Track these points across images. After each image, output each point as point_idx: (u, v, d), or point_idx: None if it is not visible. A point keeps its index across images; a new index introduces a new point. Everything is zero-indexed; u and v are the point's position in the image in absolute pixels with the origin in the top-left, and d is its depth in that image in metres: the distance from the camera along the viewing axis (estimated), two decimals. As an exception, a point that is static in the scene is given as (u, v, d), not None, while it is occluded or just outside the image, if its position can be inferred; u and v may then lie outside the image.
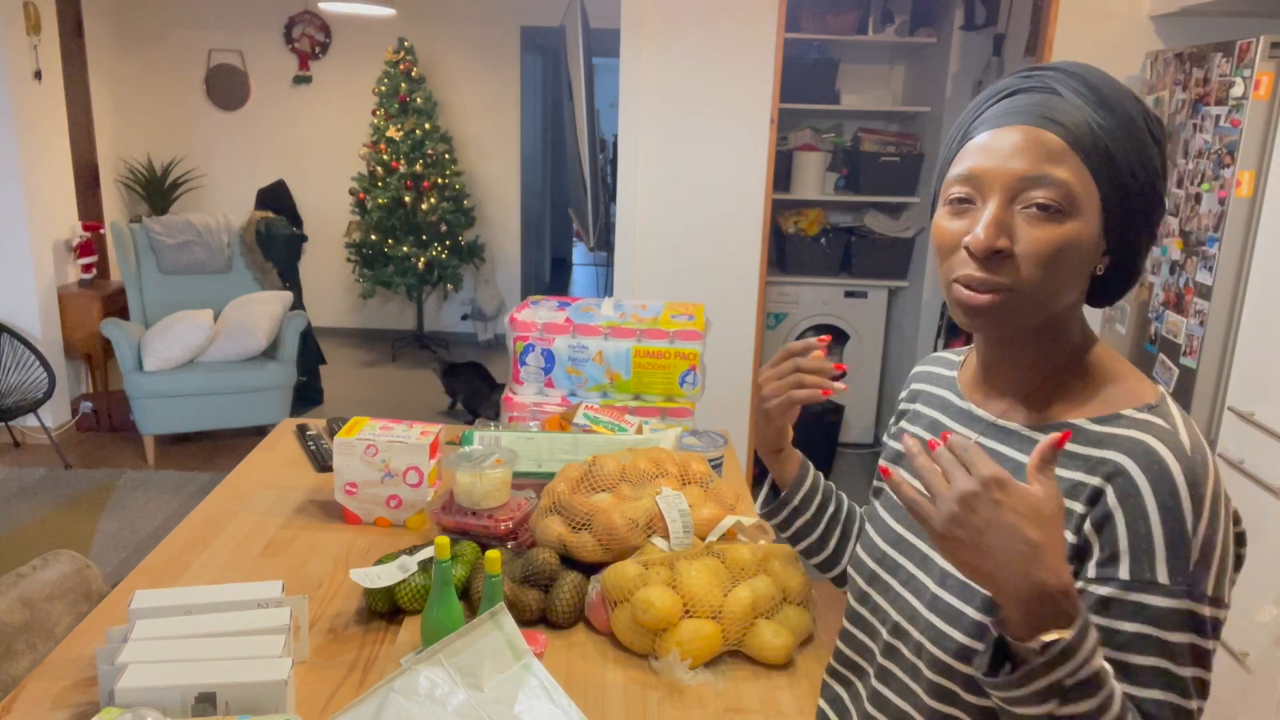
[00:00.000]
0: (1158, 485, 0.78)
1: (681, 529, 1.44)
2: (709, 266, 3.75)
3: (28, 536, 3.60)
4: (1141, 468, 0.80)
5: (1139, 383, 0.88)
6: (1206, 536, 0.77)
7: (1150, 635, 0.77)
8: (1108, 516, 0.80)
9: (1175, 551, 0.77)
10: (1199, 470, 0.79)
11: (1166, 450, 0.80)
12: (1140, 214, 0.84)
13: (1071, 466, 0.85)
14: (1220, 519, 0.79)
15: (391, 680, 1.10)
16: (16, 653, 1.41)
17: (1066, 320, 0.89)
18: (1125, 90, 0.84)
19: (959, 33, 4.26)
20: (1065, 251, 0.82)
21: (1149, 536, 0.78)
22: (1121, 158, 0.82)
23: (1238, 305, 2.43)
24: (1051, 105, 0.83)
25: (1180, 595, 0.77)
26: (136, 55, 6.40)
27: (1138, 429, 0.83)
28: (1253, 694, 2.24)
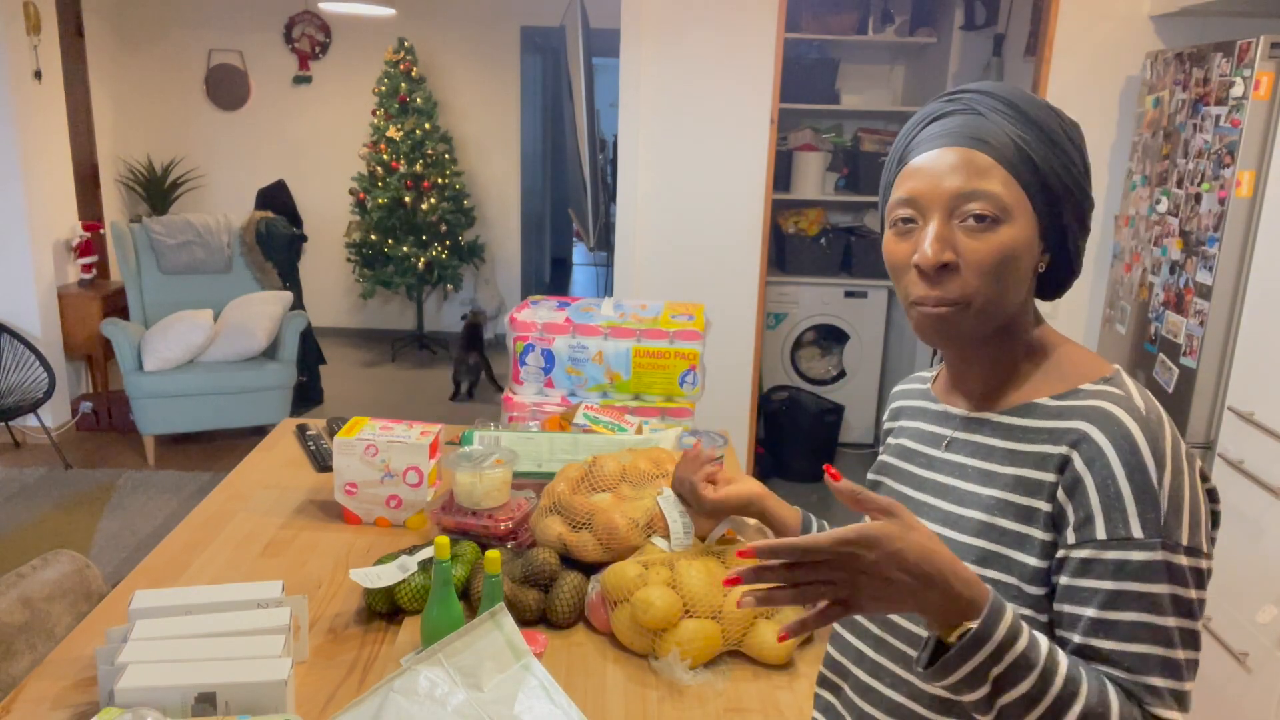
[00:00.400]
0: (1119, 445, 0.83)
1: (682, 529, 1.44)
2: (709, 266, 3.75)
3: (28, 536, 3.60)
4: (1101, 429, 0.85)
5: (1090, 358, 0.94)
6: (1173, 487, 0.82)
7: (1130, 590, 0.80)
8: (1077, 480, 0.84)
9: (1144, 504, 0.81)
10: (1155, 427, 0.84)
11: (1123, 412, 0.85)
12: (1070, 212, 0.91)
13: (1038, 440, 0.90)
14: (1184, 471, 0.83)
15: (391, 680, 1.10)
16: (16, 653, 1.41)
17: (1020, 318, 0.95)
18: (1041, 103, 0.92)
19: (959, 33, 4.26)
20: (1006, 257, 0.88)
21: (1119, 494, 0.82)
22: (1045, 165, 0.89)
23: (1238, 305, 2.43)
24: (977, 125, 0.90)
25: (1154, 547, 0.80)
26: (136, 55, 6.40)
27: (1095, 399, 0.88)
28: (1253, 694, 2.24)
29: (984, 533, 0.90)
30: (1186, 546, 0.81)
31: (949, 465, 0.99)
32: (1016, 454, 0.91)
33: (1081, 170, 0.92)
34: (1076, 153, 0.92)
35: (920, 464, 1.03)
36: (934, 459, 1.01)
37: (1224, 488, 2.40)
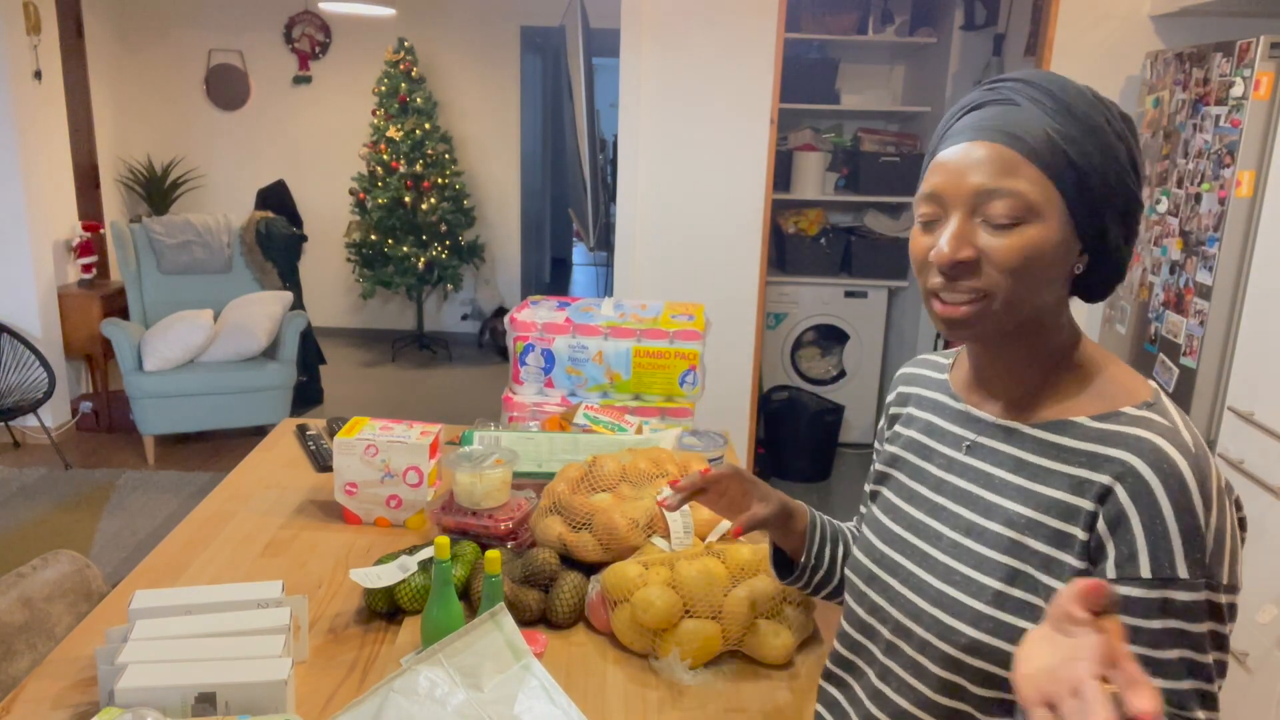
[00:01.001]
0: (1169, 484, 0.81)
1: (682, 529, 1.44)
2: (709, 266, 3.75)
3: (28, 536, 3.60)
4: (1150, 465, 0.82)
5: (1131, 379, 0.91)
6: (1218, 527, 0.81)
7: (1175, 628, 0.80)
8: (1121, 515, 0.82)
9: (1192, 546, 0.80)
10: (1204, 466, 0.82)
11: (1173, 449, 0.82)
12: (1112, 211, 0.87)
13: (1074, 463, 0.87)
14: (1227, 510, 0.82)
15: (391, 680, 1.10)
16: (16, 653, 1.41)
17: (1051, 320, 0.91)
18: (1087, 94, 0.87)
19: (959, 33, 4.26)
20: (1030, 257, 0.85)
21: (1166, 534, 0.80)
22: (1083, 160, 0.85)
23: (1238, 305, 2.43)
24: (1009, 117, 0.86)
25: (1200, 588, 0.79)
26: (136, 55, 6.40)
27: (1141, 427, 0.85)
28: (1253, 694, 2.24)
29: (1013, 551, 0.88)
30: (1227, 585, 0.81)
31: (971, 471, 0.96)
32: (1051, 473, 0.88)
33: (1128, 168, 0.87)
34: (1124, 148, 0.87)
35: (939, 464, 1.00)
36: (954, 461, 0.98)
37: (1224, 488, 2.41)
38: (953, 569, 0.93)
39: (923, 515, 0.99)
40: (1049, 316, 0.91)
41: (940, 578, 0.94)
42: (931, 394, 1.06)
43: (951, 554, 0.94)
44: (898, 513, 1.03)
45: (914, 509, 1.01)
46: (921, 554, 0.97)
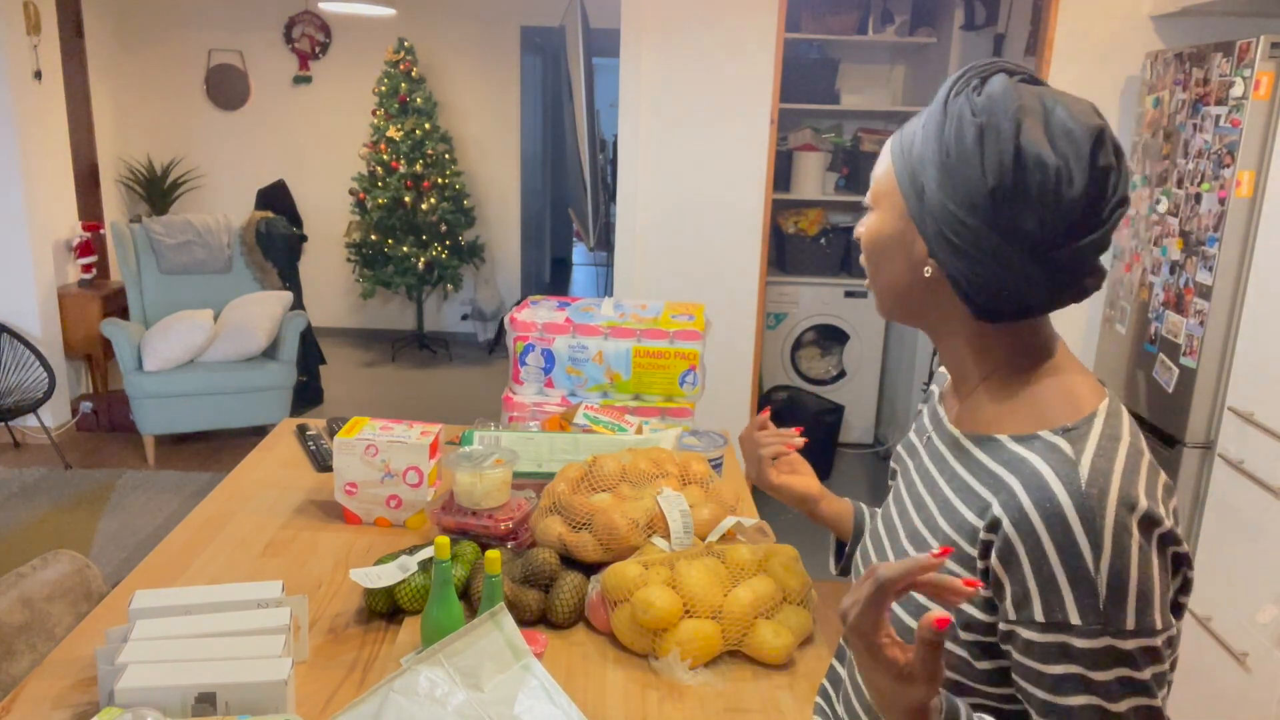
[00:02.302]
0: (1049, 522, 0.76)
1: (682, 529, 1.44)
2: (709, 266, 3.75)
3: (28, 536, 3.60)
4: (1034, 502, 0.77)
5: (1072, 396, 0.85)
6: (1113, 570, 0.74)
7: (1076, 674, 0.76)
8: (1010, 550, 0.78)
9: (1080, 590, 0.75)
10: (1093, 503, 0.76)
11: (1060, 486, 0.77)
12: (933, 226, 0.83)
13: (984, 482, 0.84)
14: (1129, 549, 0.75)
15: (391, 680, 1.10)
16: (16, 653, 1.41)
17: (943, 318, 0.89)
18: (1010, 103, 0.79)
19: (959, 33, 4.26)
20: (870, 240, 0.90)
21: (1053, 577, 0.76)
22: (918, 159, 0.84)
23: (1238, 305, 2.43)
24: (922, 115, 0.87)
25: (1096, 634, 0.75)
26: (136, 55, 6.40)
27: (1040, 456, 0.80)
28: (1253, 694, 2.24)
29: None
30: (1132, 630, 0.74)
31: (926, 475, 0.95)
32: (969, 491, 0.86)
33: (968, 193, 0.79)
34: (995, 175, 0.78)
35: (915, 463, 0.99)
36: (920, 462, 0.98)
37: (1224, 488, 2.40)
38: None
39: (895, 516, 0.99)
40: (937, 313, 0.89)
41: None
42: (935, 388, 1.06)
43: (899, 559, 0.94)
44: (886, 509, 1.04)
45: (893, 506, 1.01)
46: (886, 555, 0.97)
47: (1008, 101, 0.79)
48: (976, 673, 0.84)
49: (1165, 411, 2.64)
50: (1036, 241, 0.79)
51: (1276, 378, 2.23)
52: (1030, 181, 0.78)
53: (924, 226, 0.84)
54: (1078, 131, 0.78)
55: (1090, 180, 0.78)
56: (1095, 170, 0.78)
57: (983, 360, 0.89)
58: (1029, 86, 0.81)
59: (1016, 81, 0.82)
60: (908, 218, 0.85)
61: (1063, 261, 0.80)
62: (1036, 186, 0.78)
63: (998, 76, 0.82)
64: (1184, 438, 2.52)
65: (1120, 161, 0.80)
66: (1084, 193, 0.78)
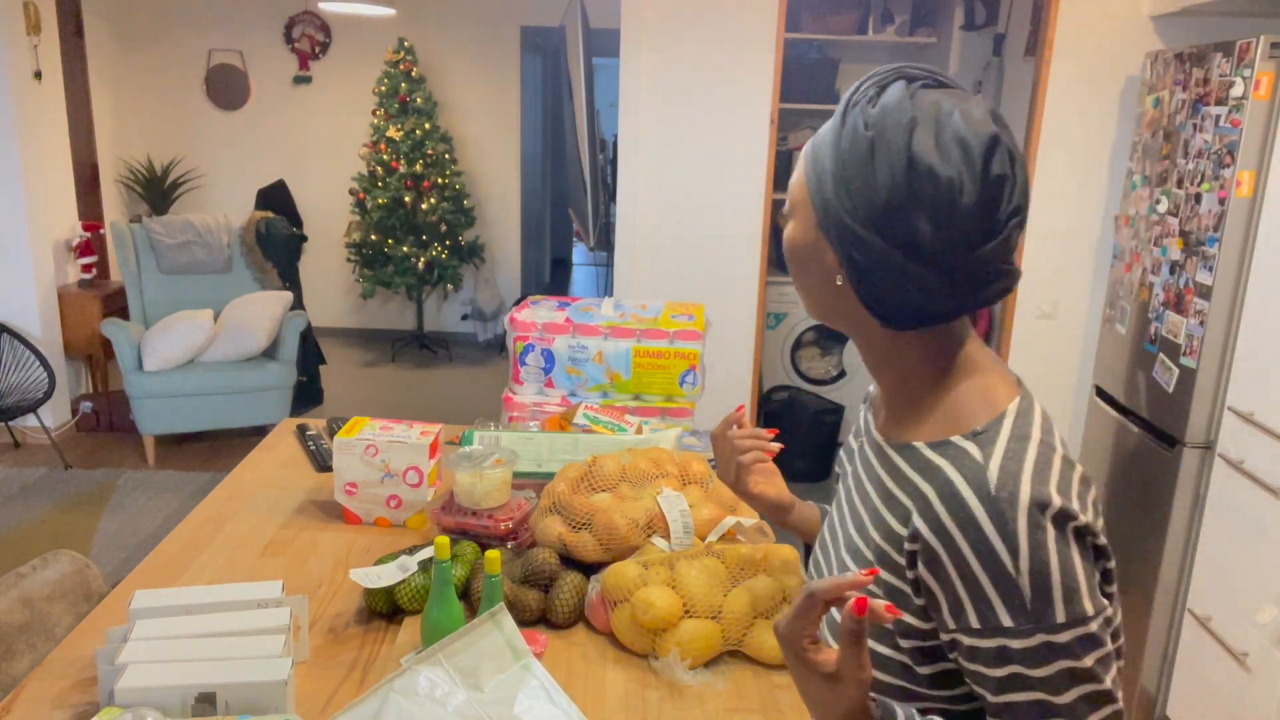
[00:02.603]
0: (965, 529, 0.77)
1: (682, 529, 1.44)
2: (709, 266, 3.75)
3: (28, 536, 3.60)
4: (949, 511, 0.78)
5: (983, 397, 0.85)
6: (1033, 569, 0.75)
7: (1019, 674, 0.77)
8: (934, 558, 0.79)
9: (1007, 594, 0.76)
10: (1003, 505, 0.76)
11: (969, 490, 0.78)
12: (834, 235, 0.83)
13: (905, 490, 0.85)
14: (1046, 545, 0.76)
15: (391, 680, 1.10)
16: (16, 653, 1.41)
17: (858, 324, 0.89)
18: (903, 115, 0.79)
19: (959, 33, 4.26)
20: (788, 247, 0.89)
21: (979, 583, 0.77)
22: (820, 168, 0.83)
23: (1238, 305, 2.43)
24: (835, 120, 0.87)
25: (1029, 633, 0.76)
26: (136, 55, 6.40)
27: (951, 461, 0.81)
28: (1253, 694, 2.24)
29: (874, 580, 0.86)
30: (1064, 623, 0.75)
31: (860, 484, 0.95)
32: (892, 499, 0.86)
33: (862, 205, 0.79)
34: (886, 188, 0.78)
35: (851, 469, 0.99)
36: (854, 469, 0.98)
37: (1224, 487, 2.40)
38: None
39: (836, 522, 0.99)
40: (852, 321, 0.88)
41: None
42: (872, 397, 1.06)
43: (835, 569, 0.94)
44: (828, 516, 1.03)
45: (834, 514, 1.01)
46: (829, 563, 0.97)
47: (900, 113, 0.78)
48: (921, 678, 0.85)
49: (1165, 411, 2.64)
50: (932, 252, 0.79)
51: (1276, 378, 2.23)
52: (923, 192, 0.77)
53: (830, 237, 0.84)
54: (971, 140, 0.77)
55: (983, 190, 0.77)
56: (988, 180, 0.77)
57: (897, 367, 0.89)
58: (928, 93, 0.80)
59: (916, 88, 0.80)
60: (818, 228, 0.85)
61: (962, 270, 0.80)
62: (929, 198, 0.77)
63: (895, 85, 0.81)
64: (1184, 438, 2.53)
65: (1015, 169, 0.79)
66: (977, 202, 0.77)
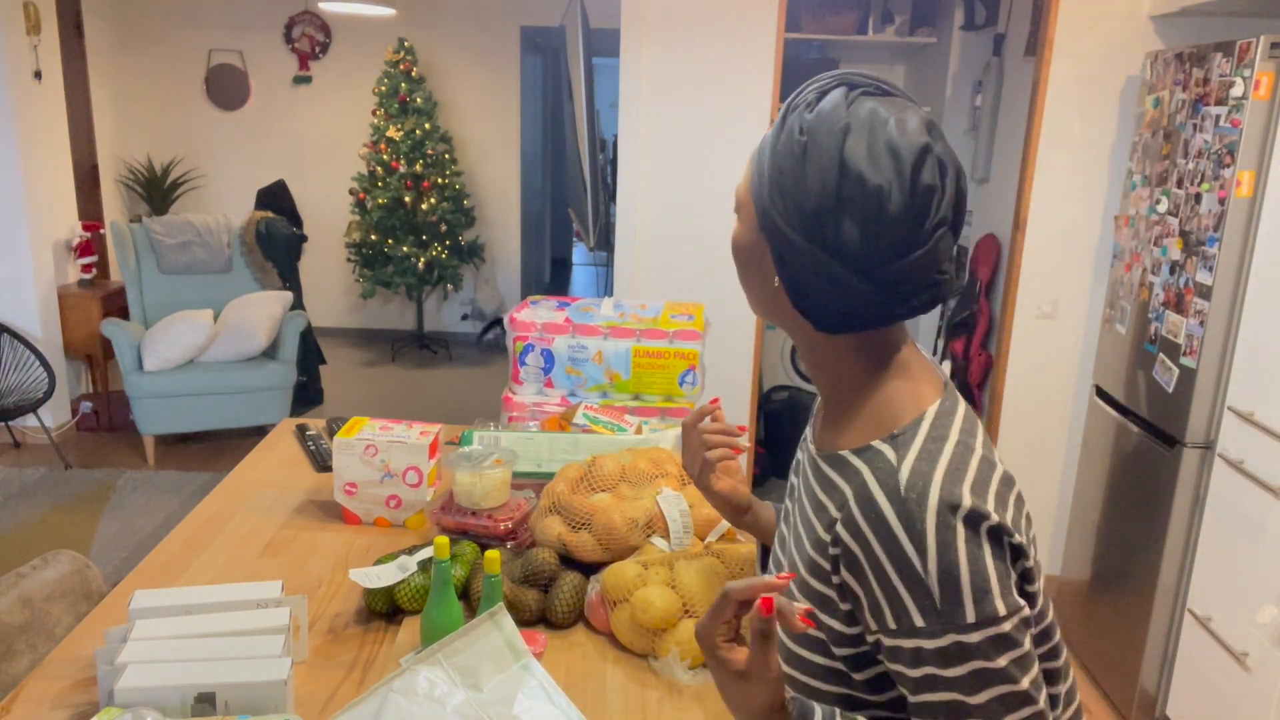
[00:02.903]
0: (877, 531, 0.78)
1: (682, 529, 1.44)
2: (709, 266, 3.75)
3: (28, 536, 3.60)
4: (862, 512, 0.79)
5: (904, 400, 0.86)
6: (941, 569, 0.76)
7: (933, 674, 0.77)
8: (854, 561, 0.80)
9: (917, 593, 0.77)
10: (912, 507, 0.77)
11: (880, 492, 0.79)
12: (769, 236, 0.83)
13: (830, 498, 0.85)
14: (954, 546, 0.76)
15: (391, 680, 1.10)
16: (16, 653, 1.41)
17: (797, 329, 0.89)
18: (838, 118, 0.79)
19: (959, 33, 4.26)
20: (733, 247, 0.91)
21: (892, 584, 0.78)
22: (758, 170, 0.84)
23: (1238, 305, 2.43)
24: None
25: (939, 634, 0.76)
26: (136, 55, 6.40)
27: (868, 464, 0.82)
28: (1253, 694, 2.24)
29: (803, 588, 0.87)
30: (974, 623, 0.76)
31: (796, 493, 0.95)
32: (820, 507, 0.86)
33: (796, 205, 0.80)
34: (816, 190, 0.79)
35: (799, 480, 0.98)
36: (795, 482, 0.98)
37: (1224, 487, 2.40)
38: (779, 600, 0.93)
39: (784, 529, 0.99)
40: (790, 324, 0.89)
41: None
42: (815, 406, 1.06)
43: None
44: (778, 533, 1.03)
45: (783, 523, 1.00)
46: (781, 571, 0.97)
47: (835, 120, 0.79)
48: (857, 684, 0.85)
49: (1165, 411, 2.64)
50: (860, 259, 0.79)
51: (1276, 378, 2.23)
52: (852, 199, 0.78)
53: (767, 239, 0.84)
54: (902, 149, 0.77)
55: (911, 199, 0.78)
56: (917, 189, 0.78)
57: (830, 371, 0.90)
58: (866, 100, 0.80)
59: (856, 95, 0.81)
60: (758, 229, 0.85)
61: (891, 278, 0.80)
62: (858, 205, 0.78)
63: (835, 91, 0.81)
64: (1184, 438, 2.52)
65: (945, 181, 0.79)
66: (905, 212, 0.78)
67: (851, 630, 0.83)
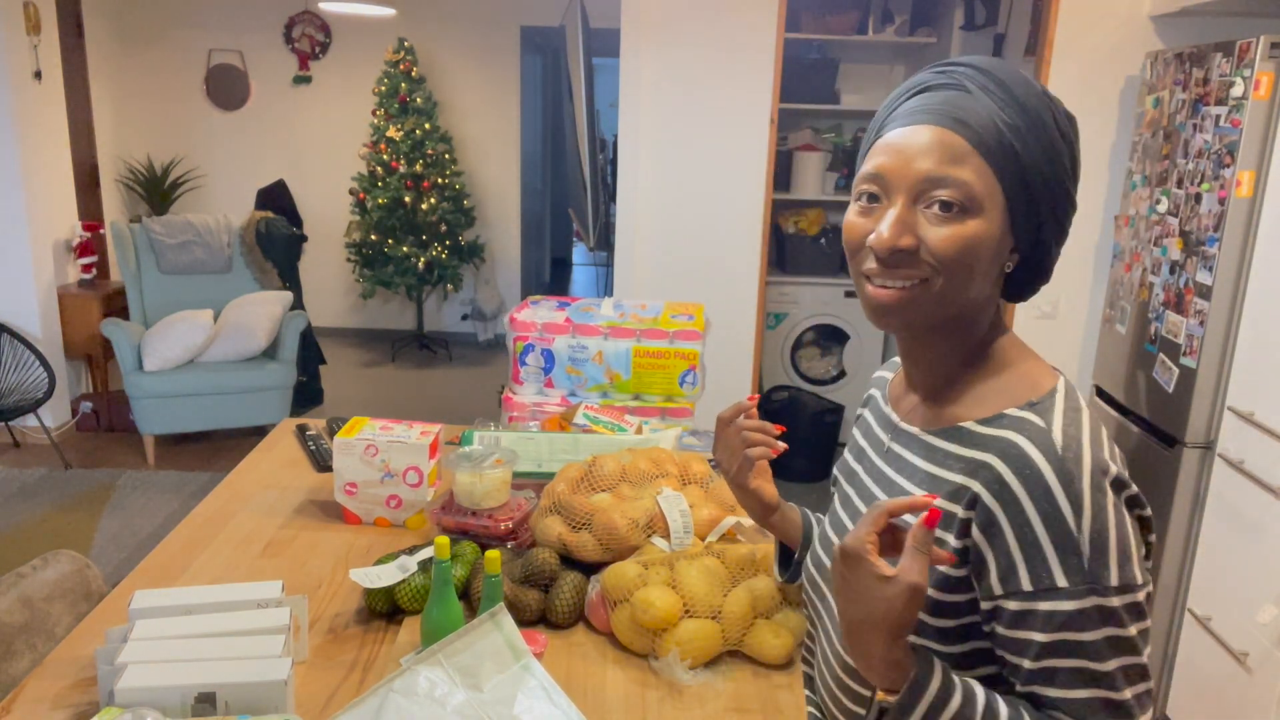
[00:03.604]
0: (1032, 489, 0.78)
1: (682, 529, 1.44)
2: (709, 266, 3.75)
3: (28, 536, 3.60)
4: (1014, 470, 0.80)
5: (1031, 377, 0.88)
6: (1094, 529, 0.77)
7: (1066, 640, 0.77)
8: (992, 522, 0.80)
9: (1065, 552, 0.77)
10: (1070, 466, 0.78)
11: (1036, 451, 0.79)
12: (1048, 213, 0.85)
13: (955, 468, 0.85)
14: (1106, 509, 0.78)
15: (391, 680, 1.10)
16: (16, 653, 1.41)
17: (978, 317, 0.90)
18: (1036, 88, 0.84)
19: (959, 33, 4.26)
20: (969, 250, 0.82)
21: (1037, 543, 0.77)
22: (1027, 157, 0.82)
23: (1238, 305, 2.43)
24: (959, 104, 0.82)
25: (1083, 594, 0.76)
26: (136, 55, 6.40)
27: (1012, 429, 0.82)
28: (1253, 694, 2.24)
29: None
30: (1117, 586, 0.76)
31: (883, 478, 0.95)
32: (936, 480, 0.87)
33: (1068, 169, 0.84)
34: (1067, 149, 0.84)
35: (866, 469, 0.99)
36: (874, 467, 0.98)
37: (1224, 488, 2.40)
38: None
39: (846, 519, 0.99)
40: (977, 313, 0.89)
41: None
42: (877, 394, 1.06)
43: None
44: (834, 517, 1.03)
45: (843, 512, 1.01)
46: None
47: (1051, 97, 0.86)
48: (955, 658, 0.86)
49: (1165, 411, 2.63)
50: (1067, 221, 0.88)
51: (1276, 378, 2.23)
52: (1075, 167, 0.87)
53: (1028, 216, 0.85)
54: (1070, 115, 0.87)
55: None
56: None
57: (963, 347, 0.90)
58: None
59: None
60: (1007, 216, 0.84)
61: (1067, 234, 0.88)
62: (1075, 171, 0.87)
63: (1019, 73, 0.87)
64: (1184, 438, 2.52)
65: None
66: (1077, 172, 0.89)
67: (956, 598, 0.83)
